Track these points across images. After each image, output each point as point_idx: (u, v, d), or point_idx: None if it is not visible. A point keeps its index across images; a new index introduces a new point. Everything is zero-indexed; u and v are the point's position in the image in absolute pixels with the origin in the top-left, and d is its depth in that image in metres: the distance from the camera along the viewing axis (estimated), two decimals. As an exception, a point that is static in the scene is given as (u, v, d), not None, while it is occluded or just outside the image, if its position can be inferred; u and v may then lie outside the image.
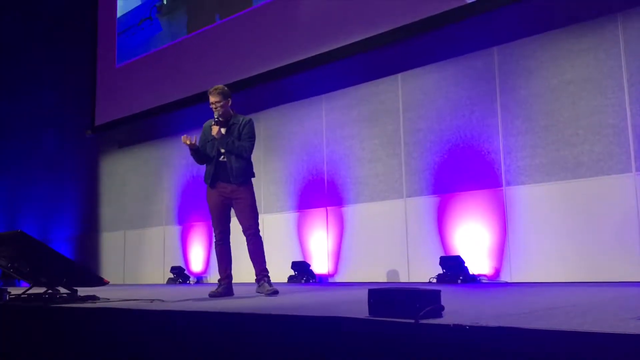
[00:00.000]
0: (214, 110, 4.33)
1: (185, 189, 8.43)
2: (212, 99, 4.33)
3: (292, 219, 7.13)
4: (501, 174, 5.48)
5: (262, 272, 4.26)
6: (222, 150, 4.34)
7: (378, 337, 1.89)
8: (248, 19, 7.33)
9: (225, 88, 4.41)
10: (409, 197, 6.12)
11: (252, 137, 4.38)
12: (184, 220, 8.41)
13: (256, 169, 8.00)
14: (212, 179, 4.36)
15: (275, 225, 7.27)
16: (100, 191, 10.03)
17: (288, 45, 6.83)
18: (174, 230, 8.54)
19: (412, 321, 1.83)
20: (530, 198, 5.30)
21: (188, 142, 4.26)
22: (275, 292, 4.10)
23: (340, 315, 2.10)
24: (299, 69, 6.75)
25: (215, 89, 4.36)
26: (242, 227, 4.34)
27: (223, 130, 4.35)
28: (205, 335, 2.45)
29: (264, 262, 4.30)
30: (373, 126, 6.50)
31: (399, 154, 6.24)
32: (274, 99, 7.51)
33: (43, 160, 11.01)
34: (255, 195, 4.45)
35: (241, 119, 4.43)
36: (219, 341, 2.39)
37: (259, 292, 4.23)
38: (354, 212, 6.57)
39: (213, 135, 4.32)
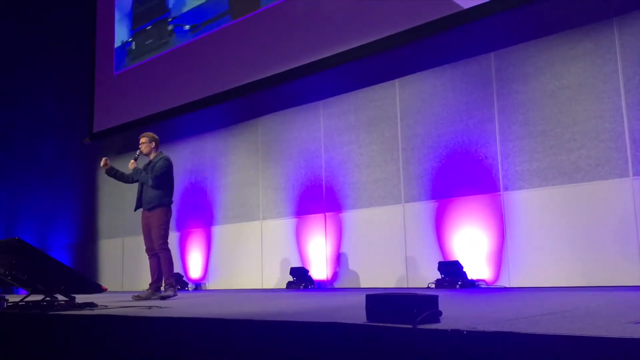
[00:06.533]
0: (139, 148, 5.50)
1: (183, 196, 8.42)
2: (140, 140, 5.52)
3: (291, 225, 7.12)
4: (499, 179, 5.49)
5: (167, 280, 5.28)
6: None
7: (376, 343, 1.89)
8: (245, 27, 7.35)
9: (154, 135, 5.58)
10: (407, 202, 6.12)
11: (159, 170, 5.38)
12: (182, 226, 8.39)
13: (254, 175, 8.00)
14: (136, 206, 5.51)
15: (273, 231, 7.27)
16: (99, 198, 10.03)
17: (286, 51, 6.84)
18: (173, 236, 8.48)
19: (410, 326, 1.83)
20: (528, 203, 5.31)
21: (103, 164, 5.42)
22: (169, 296, 5.07)
23: (338, 321, 2.10)
24: (297, 75, 6.76)
25: (146, 135, 5.54)
26: (154, 244, 5.39)
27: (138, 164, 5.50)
28: (203, 341, 2.45)
29: (170, 273, 5.32)
30: (371, 132, 6.50)
31: (397, 159, 6.24)
32: (272, 105, 7.52)
33: (41, 168, 11.00)
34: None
35: (159, 157, 5.47)
36: (217, 347, 2.39)
37: (161, 296, 5.07)
38: (353, 217, 6.57)
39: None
